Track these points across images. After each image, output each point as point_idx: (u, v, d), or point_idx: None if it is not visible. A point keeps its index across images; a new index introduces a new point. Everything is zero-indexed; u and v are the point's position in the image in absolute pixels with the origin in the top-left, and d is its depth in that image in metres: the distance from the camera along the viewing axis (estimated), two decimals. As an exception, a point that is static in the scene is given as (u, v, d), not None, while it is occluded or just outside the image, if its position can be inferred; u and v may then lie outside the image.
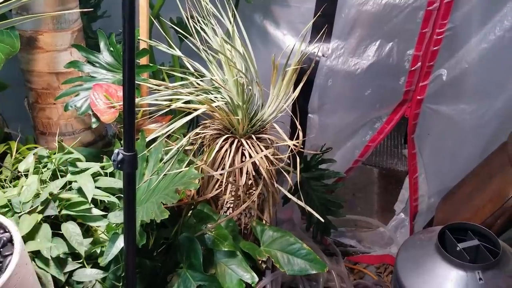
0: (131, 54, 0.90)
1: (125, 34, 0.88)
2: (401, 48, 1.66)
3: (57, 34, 1.45)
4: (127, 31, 0.88)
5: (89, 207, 1.15)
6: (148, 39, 1.42)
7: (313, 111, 1.85)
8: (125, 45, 0.88)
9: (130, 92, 0.94)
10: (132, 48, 0.89)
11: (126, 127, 0.95)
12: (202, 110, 1.26)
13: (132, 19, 0.87)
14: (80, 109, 1.38)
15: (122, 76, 1.40)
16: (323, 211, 1.85)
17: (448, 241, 1.31)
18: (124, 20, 0.87)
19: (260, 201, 1.49)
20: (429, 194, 1.89)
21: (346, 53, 1.71)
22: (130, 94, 0.94)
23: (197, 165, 1.25)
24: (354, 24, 1.66)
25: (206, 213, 1.30)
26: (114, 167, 0.95)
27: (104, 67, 1.41)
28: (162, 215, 1.08)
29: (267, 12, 1.76)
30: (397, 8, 1.59)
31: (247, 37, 1.46)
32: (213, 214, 1.37)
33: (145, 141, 1.27)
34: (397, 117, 1.81)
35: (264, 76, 1.45)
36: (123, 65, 0.91)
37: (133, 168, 0.98)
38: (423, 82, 1.69)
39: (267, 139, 1.39)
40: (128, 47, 0.90)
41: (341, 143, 1.92)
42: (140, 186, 1.25)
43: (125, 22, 0.87)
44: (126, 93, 0.93)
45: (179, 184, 1.13)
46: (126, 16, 0.86)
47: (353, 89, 1.77)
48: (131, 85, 0.93)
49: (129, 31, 0.88)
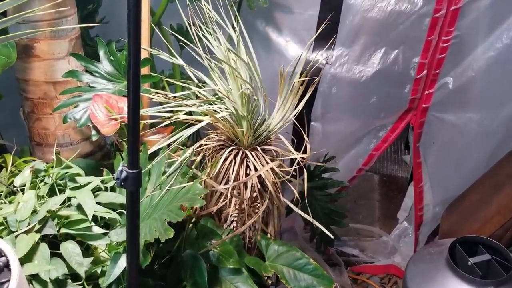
0: (136, 67, 0.85)
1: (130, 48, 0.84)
2: (406, 55, 1.63)
3: (54, 42, 1.40)
4: (132, 44, 0.83)
5: (90, 225, 1.10)
6: (149, 47, 1.37)
7: (316, 119, 1.81)
8: (130, 58, 0.84)
9: (134, 107, 0.89)
10: (138, 61, 0.85)
11: (130, 143, 0.91)
12: (206, 122, 1.21)
13: (137, 32, 0.83)
14: (79, 121, 1.33)
15: (122, 86, 1.37)
16: (326, 221, 1.82)
17: (458, 255, 1.28)
18: (129, 33, 0.83)
19: (265, 214, 1.45)
20: (434, 204, 1.86)
21: (351, 60, 1.67)
22: (135, 109, 0.90)
23: (201, 179, 1.21)
24: (358, 31, 1.63)
25: (210, 228, 1.26)
26: (117, 185, 0.90)
27: (104, 76, 1.36)
28: (167, 233, 1.04)
29: (270, 19, 1.72)
30: (403, 15, 1.56)
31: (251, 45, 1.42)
32: (217, 228, 1.33)
33: (147, 154, 1.23)
34: (402, 126, 1.78)
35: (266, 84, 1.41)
36: (128, 78, 0.86)
37: (138, 186, 0.93)
38: (429, 90, 1.67)
39: (272, 150, 1.35)
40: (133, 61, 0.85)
41: (345, 151, 1.88)
42: (142, 201, 1.20)
43: (130, 35, 0.83)
44: (130, 108, 0.89)
45: (183, 200, 1.09)
46: (131, 30, 0.82)
47: (357, 97, 1.73)
48: (136, 99, 0.89)
49: (135, 43, 0.84)
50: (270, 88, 1.39)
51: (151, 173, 1.24)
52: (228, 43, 1.35)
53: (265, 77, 1.40)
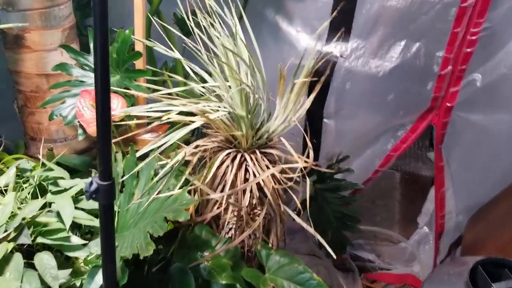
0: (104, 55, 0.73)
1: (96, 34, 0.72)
2: (429, 49, 1.48)
3: (45, 32, 1.31)
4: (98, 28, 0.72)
5: (67, 235, 1.01)
6: (144, 38, 1.26)
7: (329, 116, 1.68)
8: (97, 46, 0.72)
9: (103, 107, 0.78)
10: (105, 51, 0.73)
11: (100, 151, 0.80)
12: (198, 123, 1.10)
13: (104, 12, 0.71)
14: (66, 118, 1.23)
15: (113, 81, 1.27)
16: (338, 226, 1.69)
17: (480, 278, 1.14)
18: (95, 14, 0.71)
19: (266, 221, 1.33)
20: (457, 211, 1.71)
21: (367, 53, 1.53)
22: (104, 110, 0.78)
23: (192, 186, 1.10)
24: (376, 21, 1.49)
25: (203, 239, 1.15)
26: (86, 198, 0.80)
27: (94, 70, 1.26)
28: (147, 248, 0.94)
29: (280, 7, 1.59)
30: (427, 4, 1.41)
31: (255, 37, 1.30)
32: (212, 237, 1.22)
33: (135, 157, 1.13)
34: (423, 125, 1.63)
35: (274, 79, 1.29)
36: (95, 71, 0.75)
37: (111, 200, 0.83)
38: (454, 87, 1.51)
39: (274, 154, 1.23)
40: (100, 50, 0.73)
41: (360, 151, 1.75)
42: (129, 208, 1.11)
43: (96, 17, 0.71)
44: (99, 109, 0.78)
45: (168, 211, 0.99)
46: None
47: (374, 93, 1.59)
48: (105, 97, 0.77)
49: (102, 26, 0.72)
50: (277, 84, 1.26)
51: (140, 177, 1.15)
52: (230, 38, 1.23)
53: (272, 71, 1.27)
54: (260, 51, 1.29)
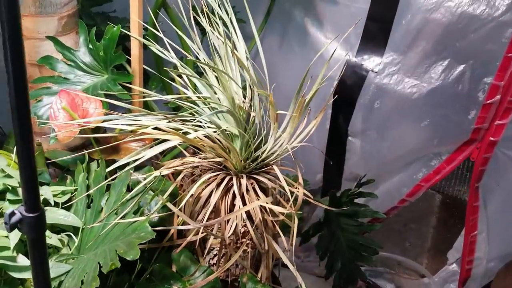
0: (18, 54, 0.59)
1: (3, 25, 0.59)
2: (476, 73, 1.28)
3: (39, 20, 1.21)
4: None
5: (12, 255, 0.92)
6: (140, 36, 1.14)
7: (354, 135, 1.50)
8: (6, 42, 0.59)
9: (22, 120, 0.63)
10: (19, 47, 0.59)
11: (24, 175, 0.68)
12: (173, 143, 0.97)
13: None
14: (40, 118, 1.12)
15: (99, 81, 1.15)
16: (351, 256, 1.52)
17: None
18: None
19: (256, 251, 1.20)
20: (489, 258, 1.50)
21: (403, 71, 1.34)
22: (24, 125, 0.64)
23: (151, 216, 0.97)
24: (417, 35, 1.29)
25: (169, 271, 1.02)
26: (7, 230, 0.70)
27: (80, 67, 1.15)
28: (91, 284, 0.83)
29: (310, 9, 1.42)
30: (477, 20, 1.20)
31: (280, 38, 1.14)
32: (193, 264, 1.10)
33: (104, 171, 1.02)
34: (460, 158, 1.42)
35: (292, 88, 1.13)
36: (7, 74, 0.61)
37: (40, 232, 0.72)
38: (501, 120, 1.30)
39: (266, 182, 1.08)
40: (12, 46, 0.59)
41: (387, 176, 1.56)
42: (94, 227, 1.00)
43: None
44: (16, 122, 0.63)
45: (121, 243, 0.87)
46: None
47: (406, 116, 1.40)
48: (22, 104, 0.63)
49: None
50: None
51: (111, 192, 1.04)
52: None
53: (295, 79, 1.11)
54: (284, 56, 1.13)
